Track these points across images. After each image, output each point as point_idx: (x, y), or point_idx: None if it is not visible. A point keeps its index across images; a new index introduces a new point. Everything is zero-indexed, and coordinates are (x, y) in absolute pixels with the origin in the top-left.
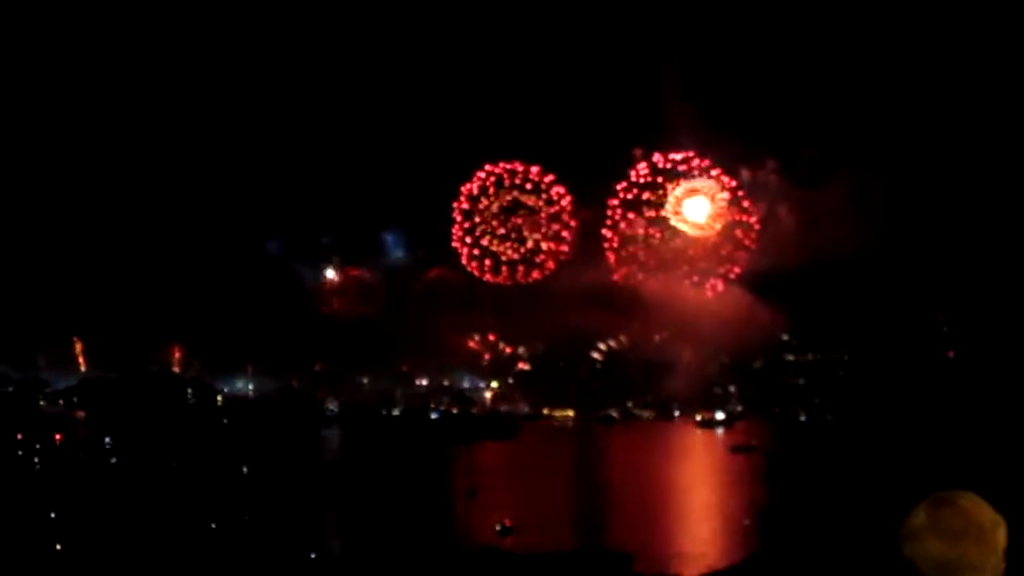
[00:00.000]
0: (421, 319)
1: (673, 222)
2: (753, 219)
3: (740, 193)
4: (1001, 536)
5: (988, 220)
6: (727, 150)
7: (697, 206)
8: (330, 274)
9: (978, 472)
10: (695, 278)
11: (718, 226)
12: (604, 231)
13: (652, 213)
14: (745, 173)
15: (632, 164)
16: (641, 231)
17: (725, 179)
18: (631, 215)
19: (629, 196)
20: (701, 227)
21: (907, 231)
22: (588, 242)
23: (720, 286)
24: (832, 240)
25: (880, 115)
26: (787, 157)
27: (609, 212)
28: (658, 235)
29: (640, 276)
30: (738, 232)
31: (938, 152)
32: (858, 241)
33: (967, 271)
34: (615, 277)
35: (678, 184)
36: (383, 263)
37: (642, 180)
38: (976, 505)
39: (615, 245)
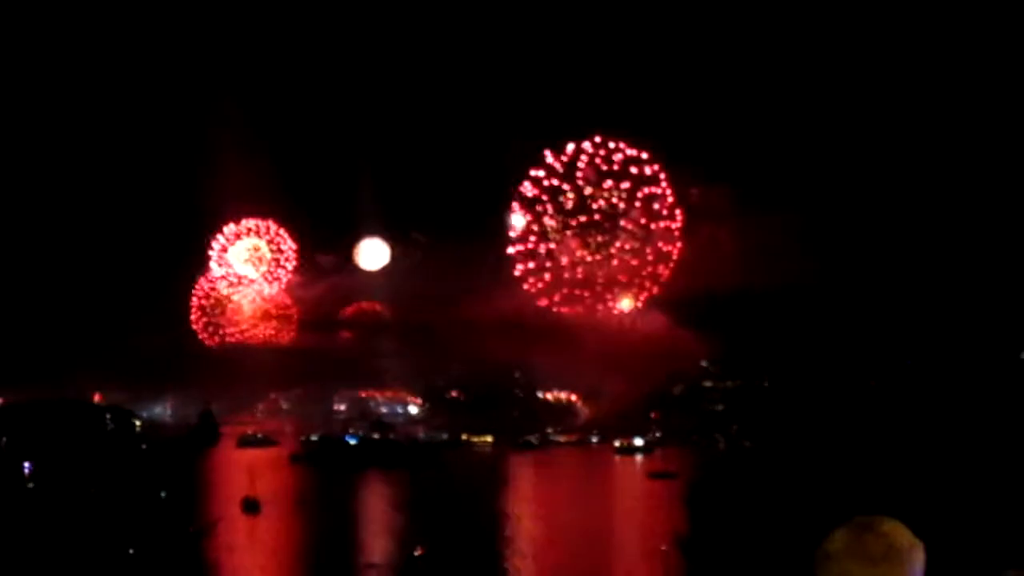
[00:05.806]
0: (342, 345)
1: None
2: (677, 240)
3: (677, 212)
4: (919, 559)
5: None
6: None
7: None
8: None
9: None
10: (611, 301)
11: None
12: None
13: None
14: (694, 192)
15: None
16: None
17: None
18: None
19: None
20: None
21: (835, 266)
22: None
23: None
24: (761, 269)
25: (818, 152)
26: (738, 183)
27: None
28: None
29: (559, 301)
30: (662, 248)
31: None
32: (785, 272)
33: (890, 305)
34: (537, 303)
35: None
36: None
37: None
38: (895, 529)
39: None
